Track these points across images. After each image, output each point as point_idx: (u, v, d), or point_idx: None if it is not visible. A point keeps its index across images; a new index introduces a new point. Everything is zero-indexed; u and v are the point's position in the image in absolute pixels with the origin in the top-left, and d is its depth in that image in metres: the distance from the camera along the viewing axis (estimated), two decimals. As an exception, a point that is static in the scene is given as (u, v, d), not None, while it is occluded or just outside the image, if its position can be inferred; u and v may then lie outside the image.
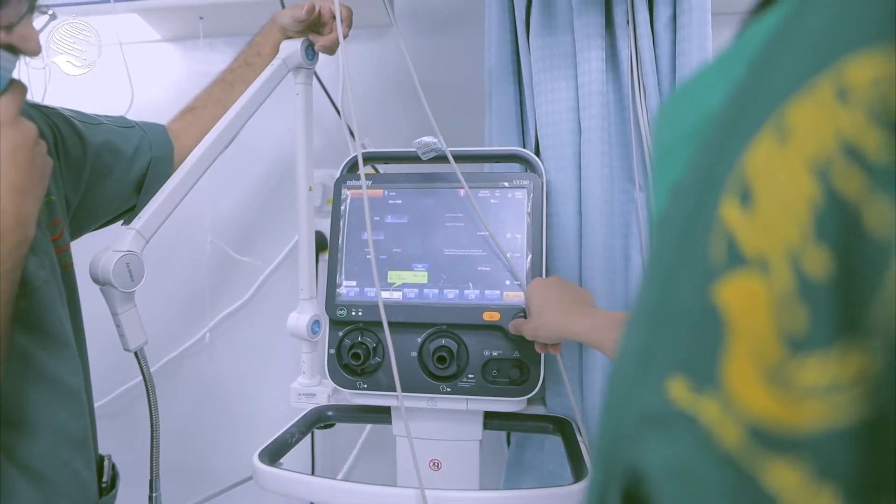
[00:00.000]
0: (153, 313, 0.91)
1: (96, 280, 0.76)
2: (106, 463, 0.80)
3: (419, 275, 0.91)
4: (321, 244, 1.23)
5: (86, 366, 0.78)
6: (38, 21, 0.63)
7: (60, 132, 0.78)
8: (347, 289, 0.92)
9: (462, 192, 0.92)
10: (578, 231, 0.96)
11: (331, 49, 0.96)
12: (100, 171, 0.84)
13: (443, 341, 0.88)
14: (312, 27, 0.95)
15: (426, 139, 0.87)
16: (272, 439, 0.90)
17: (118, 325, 0.78)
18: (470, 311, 0.88)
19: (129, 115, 0.95)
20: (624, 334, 0.25)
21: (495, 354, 0.88)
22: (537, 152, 1.00)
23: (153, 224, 0.80)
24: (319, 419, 0.99)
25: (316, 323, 0.99)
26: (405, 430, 0.79)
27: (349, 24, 0.93)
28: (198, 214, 1.36)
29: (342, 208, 0.94)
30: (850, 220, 0.15)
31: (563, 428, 0.93)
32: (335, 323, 0.92)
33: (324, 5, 0.94)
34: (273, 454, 0.87)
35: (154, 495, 0.84)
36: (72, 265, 0.78)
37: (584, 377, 0.97)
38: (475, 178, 0.93)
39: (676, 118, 0.29)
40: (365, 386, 0.90)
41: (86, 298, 0.80)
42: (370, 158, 1.05)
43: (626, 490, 0.22)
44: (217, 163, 0.88)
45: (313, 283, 1.00)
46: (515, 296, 0.88)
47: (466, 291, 0.89)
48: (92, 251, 0.77)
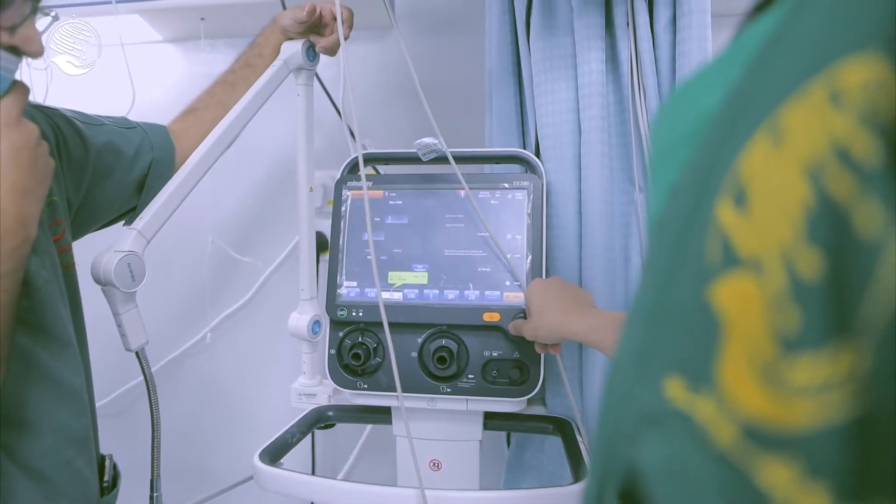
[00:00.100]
0: (154, 313, 0.92)
1: (98, 280, 0.76)
2: (107, 462, 0.80)
3: (419, 275, 0.91)
4: (322, 245, 1.23)
5: (87, 365, 0.78)
6: (41, 23, 0.64)
7: (62, 133, 0.78)
8: (348, 289, 0.92)
9: (462, 193, 0.92)
10: (578, 232, 0.96)
11: (332, 50, 0.96)
12: (101, 172, 0.84)
13: (443, 342, 0.88)
14: (313, 28, 0.95)
15: (426, 140, 0.88)
16: (273, 439, 0.90)
17: (119, 325, 0.78)
18: (470, 312, 0.88)
19: (131, 116, 0.95)
20: (622, 334, 0.25)
21: (495, 355, 0.88)
22: (537, 153, 1.00)
23: (154, 224, 0.80)
24: (320, 419, 0.99)
25: (316, 323, 0.99)
26: (405, 431, 0.80)
27: (350, 26, 0.93)
28: (199, 215, 1.36)
29: (343, 209, 0.95)
30: (841, 222, 0.15)
31: (563, 428, 0.93)
32: (336, 323, 0.92)
33: (325, 7, 0.94)
34: (273, 454, 0.87)
35: (155, 495, 0.85)
36: (73, 265, 0.78)
37: (584, 378, 0.98)
38: (475, 179, 0.93)
39: (674, 119, 0.29)
40: (365, 386, 0.91)
41: (87, 298, 0.80)
42: (371, 159, 1.05)
43: (624, 489, 0.22)
44: (218, 163, 0.89)
45: (314, 284, 1.00)
46: (515, 296, 0.88)
47: (466, 292, 0.89)
48: (93, 251, 0.77)
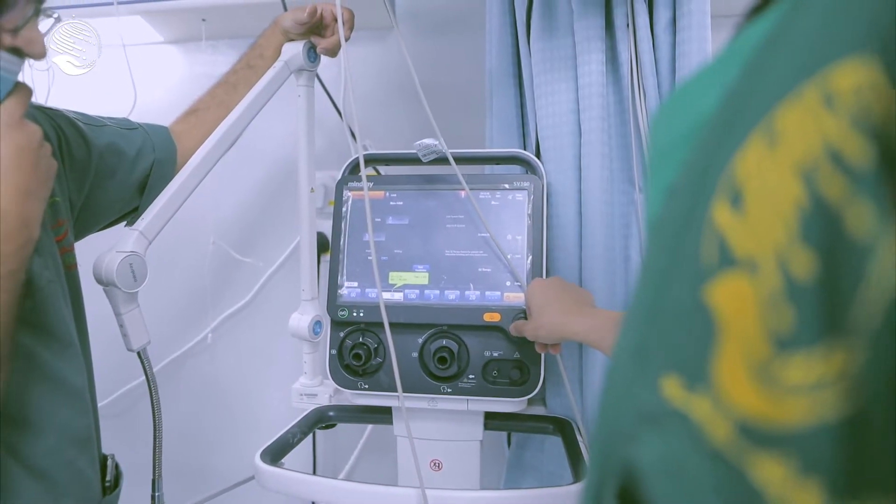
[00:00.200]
0: (156, 314, 0.92)
1: (100, 280, 0.76)
2: (109, 462, 0.80)
3: (420, 276, 0.91)
4: (323, 245, 1.24)
5: (89, 365, 0.78)
6: (43, 24, 0.64)
7: (65, 134, 0.78)
8: (349, 290, 0.93)
9: (463, 194, 0.92)
10: (578, 232, 0.97)
11: (332, 51, 0.96)
12: (103, 173, 0.84)
13: (443, 342, 0.88)
14: (314, 29, 0.95)
15: (427, 141, 0.88)
16: (274, 439, 0.90)
17: (121, 326, 0.78)
18: (470, 312, 0.88)
19: (132, 117, 0.95)
20: (620, 334, 0.26)
21: (496, 355, 0.88)
22: (538, 154, 1.00)
23: (156, 225, 0.81)
24: (321, 419, 1.00)
25: (317, 323, 0.99)
26: (406, 431, 0.80)
27: (351, 27, 0.94)
28: (200, 215, 1.37)
29: (344, 210, 0.95)
30: (833, 223, 0.15)
31: (564, 428, 0.93)
32: (336, 324, 0.92)
33: (326, 8, 0.94)
34: (275, 454, 0.87)
35: (157, 495, 0.85)
36: (76, 266, 0.78)
37: (584, 378, 0.98)
38: (476, 180, 0.93)
39: (672, 120, 0.30)
40: (366, 386, 0.91)
41: (89, 299, 0.80)
42: (372, 160, 1.05)
43: (622, 488, 0.23)
44: (219, 164, 0.89)
45: (315, 284, 1.00)
46: (516, 297, 0.88)
47: (467, 292, 0.90)
48: (95, 252, 0.77)
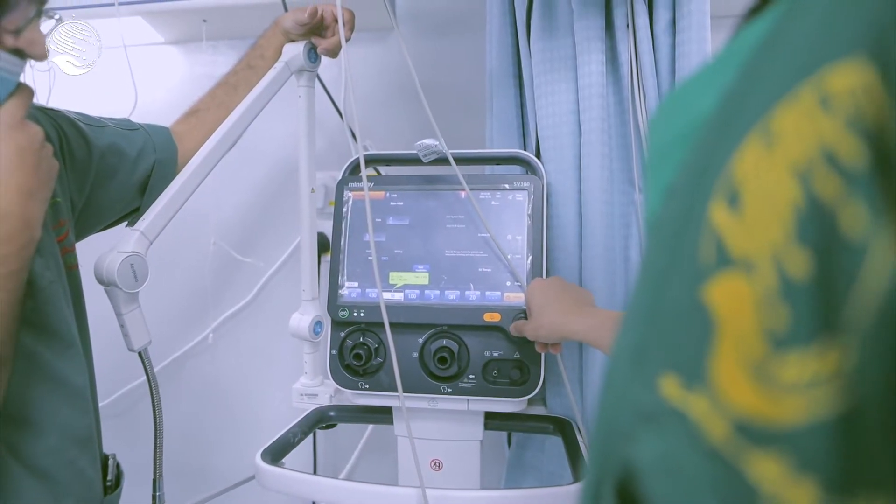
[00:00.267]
0: (157, 314, 0.92)
1: (101, 281, 0.77)
2: (110, 462, 0.80)
3: (420, 276, 0.91)
4: (323, 245, 1.24)
5: (90, 365, 0.78)
6: (45, 25, 0.64)
7: (66, 135, 0.79)
8: (349, 290, 0.93)
9: (463, 194, 0.93)
10: (578, 232, 0.97)
11: (333, 52, 0.97)
12: (104, 173, 0.84)
13: (444, 342, 0.89)
14: (315, 30, 0.96)
15: (427, 141, 0.88)
16: (274, 439, 0.90)
17: (122, 326, 0.78)
18: (471, 312, 0.88)
19: (133, 118, 0.95)
20: (619, 333, 0.26)
21: (496, 355, 0.88)
22: (538, 154, 1.00)
23: (157, 225, 0.81)
24: (321, 419, 1.00)
25: (318, 324, 0.99)
26: (406, 431, 0.80)
27: (351, 28, 0.94)
28: (201, 216, 1.37)
29: (344, 210, 0.95)
30: (828, 223, 0.16)
31: (564, 428, 0.93)
32: (337, 324, 0.93)
33: (326, 8, 0.94)
34: (275, 454, 0.88)
35: (157, 494, 0.85)
36: (77, 266, 0.78)
37: (585, 378, 0.98)
38: (476, 180, 0.93)
39: (671, 121, 0.30)
40: (366, 386, 0.91)
41: (90, 299, 0.81)
42: (372, 160, 1.05)
43: (621, 487, 0.23)
44: (220, 165, 0.89)
45: (315, 285, 1.01)
46: (516, 297, 0.88)
47: (467, 292, 0.90)
48: (97, 252, 0.77)
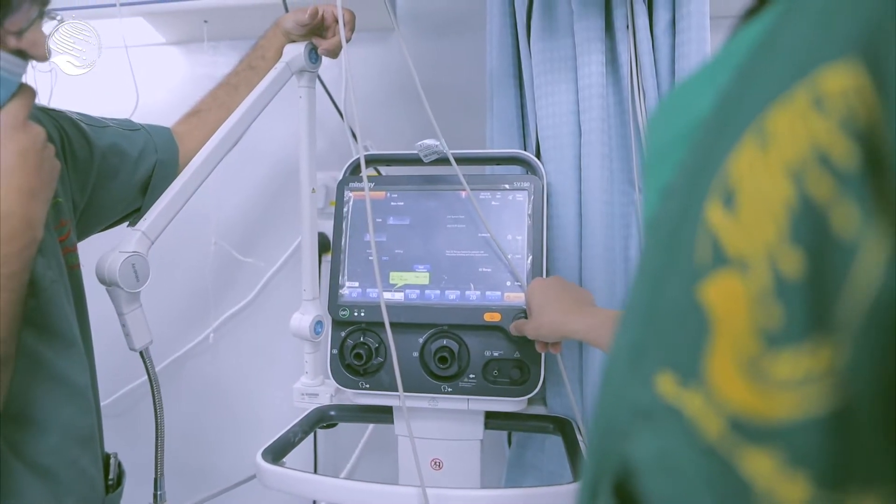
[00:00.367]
0: (158, 314, 0.92)
1: (102, 280, 0.77)
2: (112, 461, 0.81)
3: (421, 276, 0.92)
4: (324, 245, 1.24)
5: (92, 365, 0.79)
6: (46, 26, 0.64)
7: (68, 135, 0.79)
8: (350, 289, 0.93)
9: (463, 194, 0.93)
10: (578, 232, 0.97)
11: (334, 52, 0.97)
12: (106, 173, 0.85)
13: (444, 342, 0.89)
14: (315, 31, 0.96)
15: (428, 142, 0.88)
16: (275, 438, 0.90)
17: (124, 325, 0.79)
18: (471, 312, 0.88)
19: (134, 118, 0.96)
20: (616, 331, 0.26)
21: (496, 355, 0.89)
22: (538, 155, 1.01)
23: (158, 225, 0.81)
24: (322, 419, 1.00)
25: (318, 323, 1.00)
26: (407, 430, 0.80)
27: (352, 28, 0.94)
28: (202, 216, 1.37)
29: (345, 210, 0.95)
30: (821, 223, 0.16)
31: (564, 428, 0.94)
32: (338, 323, 0.93)
33: (327, 9, 0.95)
34: (276, 453, 0.88)
35: (159, 493, 0.85)
36: (79, 266, 0.79)
37: (585, 377, 0.98)
38: (476, 180, 0.94)
39: (668, 122, 0.30)
40: (367, 386, 0.91)
41: (91, 299, 0.81)
42: (372, 161, 1.06)
43: (618, 484, 0.23)
44: (221, 165, 0.89)
45: (316, 284, 1.01)
46: (516, 296, 0.88)
47: (468, 292, 0.90)
48: (98, 252, 0.78)
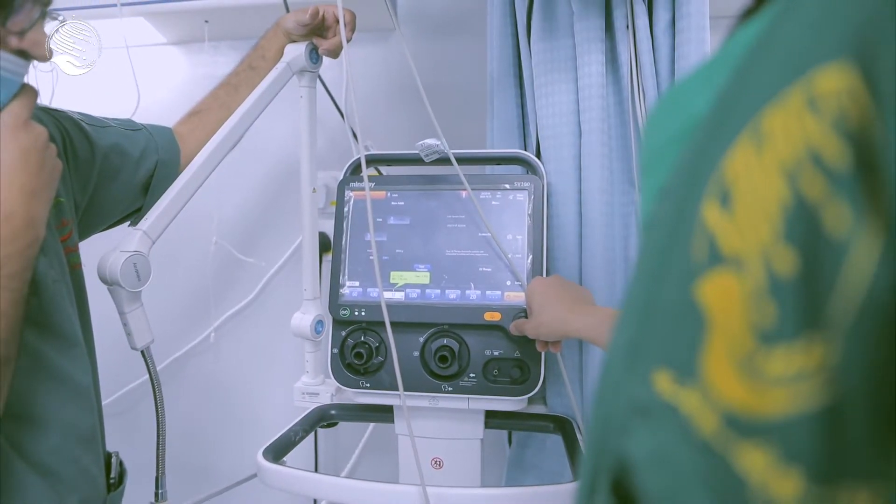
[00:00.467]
0: (159, 313, 0.92)
1: (104, 280, 0.77)
2: (114, 460, 0.81)
3: (421, 275, 0.92)
4: (325, 245, 1.24)
5: (94, 364, 0.79)
6: (48, 27, 0.65)
7: (69, 135, 0.79)
8: (350, 289, 0.93)
9: (464, 194, 0.93)
10: (579, 232, 0.97)
11: (334, 52, 0.97)
12: (107, 173, 0.85)
13: (444, 341, 0.89)
14: (316, 31, 0.96)
15: (429, 141, 0.89)
16: (276, 437, 0.91)
17: (125, 325, 0.79)
18: (471, 312, 0.89)
19: (135, 118, 0.96)
20: (614, 330, 0.26)
21: (496, 354, 0.89)
22: (538, 154, 1.01)
23: (160, 225, 0.81)
24: (323, 418, 1.00)
25: (319, 323, 1.00)
26: (407, 429, 0.80)
27: (352, 28, 0.94)
28: (203, 216, 1.37)
29: (345, 210, 0.96)
30: (813, 222, 0.16)
31: (564, 427, 0.94)
32: (338, 323, 0.93)
33: (327, 9, 0.95)
34: (277, 452, 0.88)
35: (160, 492, 0.86)
36: (80, 265, 0.79)
37: (585, 376, 0.98)
38: (477, 180, 0.94)
39: (666, 122, 0.30)
40: (367, 385, 0.91)
41: (93, 298, 0.81)
42: (373, 160, 1.06)
43: (615, 480, 0.23)
44: (222, 165, 0.89)
45: (317, 284, 1.01)
46: (516, 296, 0.89)
47: (468, 292, 0.90)
48: (99, 252, 0.78)
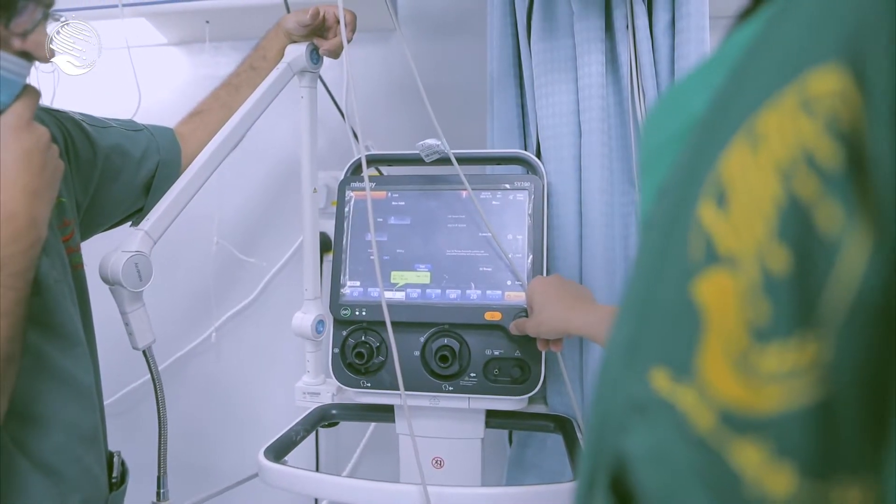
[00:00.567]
0: (160, 313, 0.93)
1: (106, 280, 0.77)
2: (116, 459, 0.81)
3: (422, 275, 0.92)
4: (325, 245, 1.25)
5: (96, 364, 0.79)
6: (51, 28, 0.65)
7: (71, 136, 0.80)
8: (351, 289, 0.93)
9: (464, 194, 0.93)
10: (579, 232, 0.97)
11: (335, 53, 0.97)
12: (109, 174, 0.85)
13: (445, 341, 0.89)
14: (317, 31, 0.96)
15: (430, 141, 0.89)
16: (277, 437, 0.91)
17: (127, 325, 0.79)
18: (472, 311, 0.89)
19: (137, 118, 0.96)
20: (613, 328, 0.27)
21: (497, 353, 0.89)
22: (538, 154, 1.01)
23: (161, 225, 0.81)
24: (324, 417, 1.00)
25: (320, 322, 1.00)
26: (408, 429, 0.80)
27: (353, 29, 0.95)
28: (204, 216, 1.38)
29: (346, 210, 0.96)
30: (806, 221, 0.16)
31: (565, 426, 0.94)
32: (339, 322, 0.93)
33: (328, 10, 0.95)
34: (278, 451, 0.88)
35: (161, 491, 0.86)
36: (82, 265, 0.79)
37: (585, 376, 0.98)
38: (477, 180, 0.94)
39: (663, 123, 0.31)
40: (368, 385, 0.92)
41: (94, 298, 0.81)
42: (374, 161, 1.06)
43: (614, 478, 0.23)
44: (223, 165, 0.90)
45: (318, 284, 1.01)
46: (517, 296, 0.89)
47: (468, 291, 0.90)
48: (101, 252, 0.78)
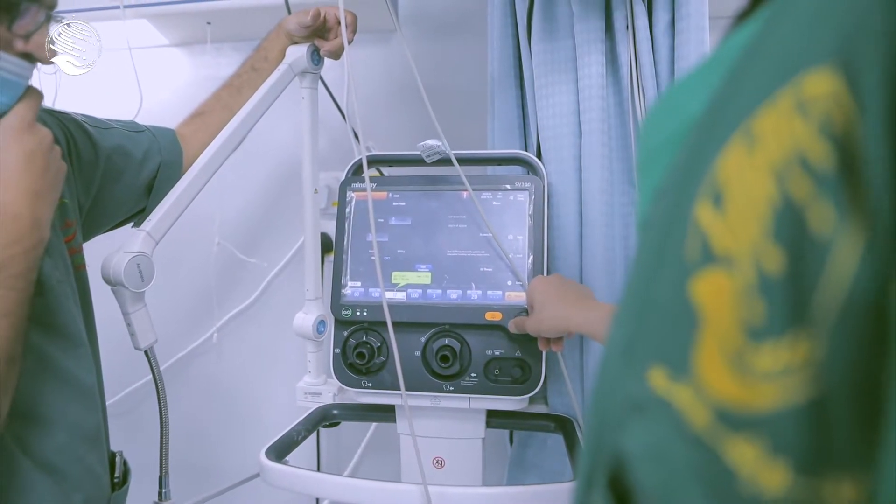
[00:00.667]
0: (162, 313, 0.93)
1: (108, 280, 0.78)
2: (118, 459, 0.82)
3: (423, 275, 0.92)
4: (326, 245, 1.25)
5: (98, 364, 0.79)
6: (53, 29, 0.65)
7: (73, 137, 0.80)
8: (352, 289, 0.94)
9: (465, 195, 0.93)
10: (579, 233, 0.98)
11: (336, 54, 0.98)
12: (111, 175, 0.86)
13: (446, 341, 0.89)
14: (318, 32, 0.96)
15: (431, 142, 0.89)
16: (278, 437, 0.91)
17: (129, 325, 0.79)
18: (472, 311, 0.89)
19: (138, 119, 0.97)
20: (611, 327, 0.27)
21: (497, 354, 0.89)
22: (539, 155, 1.01)
23: (163, 226, 0.82)
24: (325, 417, 1.01)
25: (321, 323, 1.00)
26: (409, 429, 0.81)
27: (354, 30, 0.95)
28: (206, 216, 1.38)
29: (347, 210, 0.96)
30: (799, 222, 0.17)
31: (565, 426, 0.94)
32: (340, 323, 0.94)
33: (329, 11, 0.95)
34: (279, 451, 0.88)
35: (163, 491, 0.86)
36: (84, 266, 0.80)
37: (586, 376, 0.99)
38: (478, 181, 0.94)
39: (661, 124, 0.31)
40: (369, 385, 0.92)
41: (97, 299, 0.82)
42: (375, 161, 1.06)
43: (612, 477, 0.24)
44: (224, 166, 0.90)
45: (319, 284, 1.01)
46: (517, 296, 0.89)
47: (469, 292, 0.91)
48: (103, 253, 0.79)
